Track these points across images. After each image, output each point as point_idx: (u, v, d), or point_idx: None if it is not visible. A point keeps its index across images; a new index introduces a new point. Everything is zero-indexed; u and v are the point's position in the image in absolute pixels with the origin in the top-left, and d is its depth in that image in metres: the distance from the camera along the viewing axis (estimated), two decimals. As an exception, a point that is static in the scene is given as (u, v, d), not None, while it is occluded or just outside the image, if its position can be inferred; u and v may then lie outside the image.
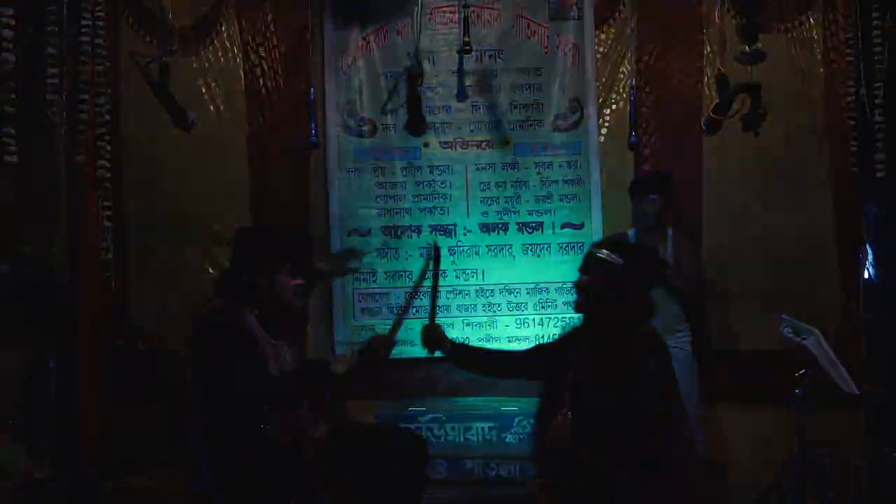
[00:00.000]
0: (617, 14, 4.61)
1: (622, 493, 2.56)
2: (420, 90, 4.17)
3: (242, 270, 2.89)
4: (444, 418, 4.13)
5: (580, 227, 4.55)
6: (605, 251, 2.74)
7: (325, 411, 3.01)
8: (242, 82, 4.56)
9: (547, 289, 4.55)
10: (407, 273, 4.43)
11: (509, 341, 4.52)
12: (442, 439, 4.03)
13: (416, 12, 4.22)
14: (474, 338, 4.49)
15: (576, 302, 2.79)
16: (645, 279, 2.75)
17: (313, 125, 4.37)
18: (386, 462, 3.00)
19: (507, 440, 4.06)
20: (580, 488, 2.60)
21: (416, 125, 4.30)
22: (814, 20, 4.47)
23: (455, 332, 4.42)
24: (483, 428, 4.09)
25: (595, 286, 2.72)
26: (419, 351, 4.46)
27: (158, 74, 3.82)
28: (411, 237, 4.58)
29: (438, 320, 3.28)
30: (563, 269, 4.45)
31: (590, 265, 2.75)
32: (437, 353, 3.24)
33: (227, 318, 2.80)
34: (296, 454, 2.84)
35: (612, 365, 2.64)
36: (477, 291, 4.58)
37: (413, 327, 4.48)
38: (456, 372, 4.54)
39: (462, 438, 4.09)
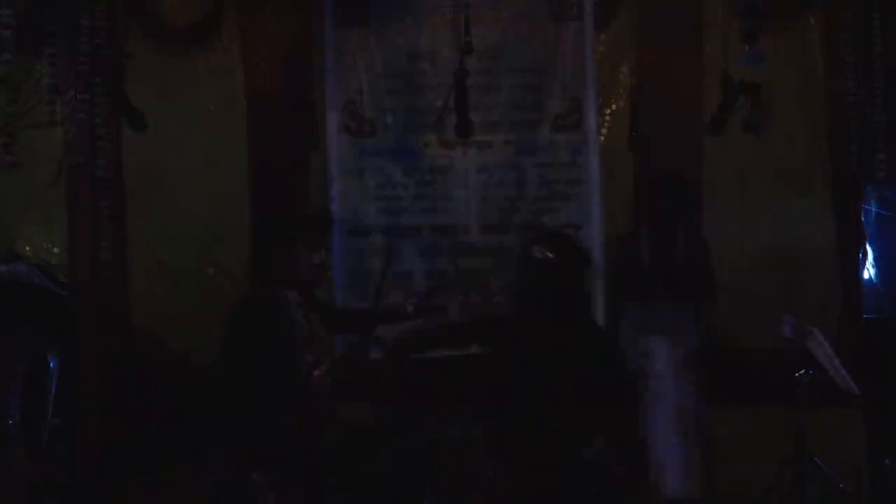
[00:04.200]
0: (617, 14, 4.60)
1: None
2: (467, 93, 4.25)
3: (263, 252, 2.98)
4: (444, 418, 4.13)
5: (580, 227, 4.54)
6: (537, 248, 2.71)
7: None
8: (242, 82, 4.56)
9: (547, 289, 4.54)
10: (407, 273, 4.43)
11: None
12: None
13: (462, 21, 4.18)
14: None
15: (514, 300, 2.77)
16: (576, 273, 2.72)
17: (313, 125, 4.36)
18: (395, 462, 3.04)
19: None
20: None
21: (465, 127, 4.37)
22: (814, 20, 4.47)
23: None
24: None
25: (529, 284, 2.69)
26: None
27: (114, 74, 3.81)
28: (411, 237, 4.57)
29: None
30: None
31: (524, 263, 2.73)
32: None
33: (262, 298, 2.88)
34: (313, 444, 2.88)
35: (551, 361, 2.63)
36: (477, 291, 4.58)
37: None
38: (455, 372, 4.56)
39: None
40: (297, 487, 2.83)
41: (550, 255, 2.67)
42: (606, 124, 4.63)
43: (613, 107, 4.63)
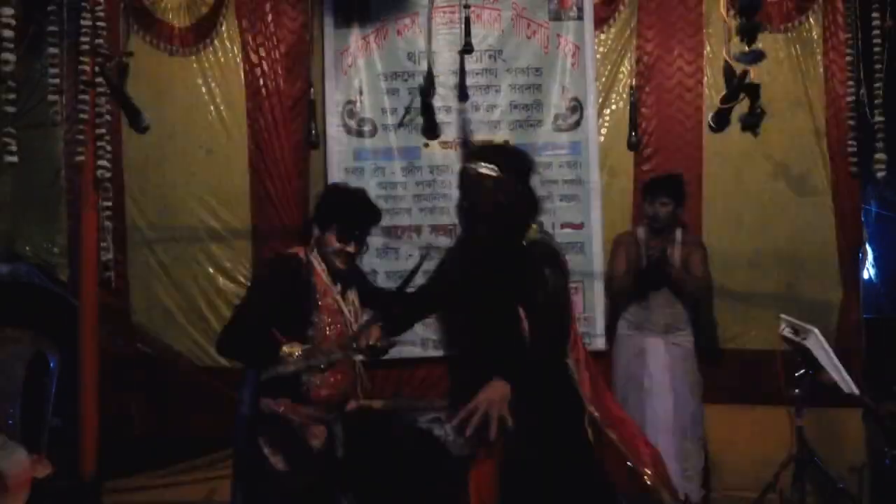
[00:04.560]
0: (617, 14, 4.61)
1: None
2: (432, 100, 4.18)
3: (307, 222, 3.16)
4: (444, 418, 4.12)
5: (580, 227, 4.54)
6: (479, 164, 2.62)
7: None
8: (242, 82, 4.56)
9: (547, 289, 4.54)
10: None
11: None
12: (441, 439, 4.02)
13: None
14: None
15: (463, 225, 2.71)
16: (521, 177, 2.64)
17: (313, 125, 4.36)
18: (408, 456, 3.07)
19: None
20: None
21: (432, 130, 4.31)
22: (814, 20, 4.48)
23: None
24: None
25: (478, 203, 2.61)
26: (419, 351, 4.53)
27: (116, 75, 3.81)
28: (411, 237, 4.57)
29: None
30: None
31: (467, 184, 2.65)
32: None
33: (290, 260, 3.02)
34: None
35: (503, 278, 2.56)
36: (477, 291, 4.57)
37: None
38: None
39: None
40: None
41: (488, 170, 2.58)
42: (606, 124, 4.63)
43: (613, 107, 4.63)
